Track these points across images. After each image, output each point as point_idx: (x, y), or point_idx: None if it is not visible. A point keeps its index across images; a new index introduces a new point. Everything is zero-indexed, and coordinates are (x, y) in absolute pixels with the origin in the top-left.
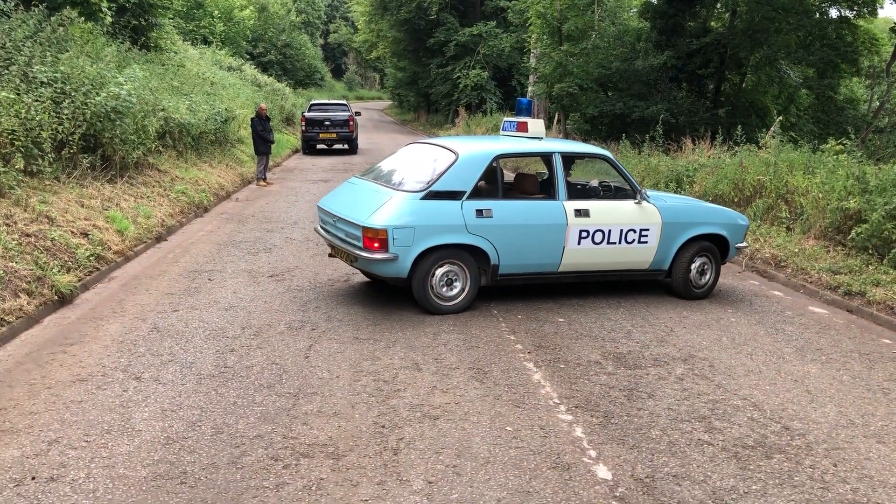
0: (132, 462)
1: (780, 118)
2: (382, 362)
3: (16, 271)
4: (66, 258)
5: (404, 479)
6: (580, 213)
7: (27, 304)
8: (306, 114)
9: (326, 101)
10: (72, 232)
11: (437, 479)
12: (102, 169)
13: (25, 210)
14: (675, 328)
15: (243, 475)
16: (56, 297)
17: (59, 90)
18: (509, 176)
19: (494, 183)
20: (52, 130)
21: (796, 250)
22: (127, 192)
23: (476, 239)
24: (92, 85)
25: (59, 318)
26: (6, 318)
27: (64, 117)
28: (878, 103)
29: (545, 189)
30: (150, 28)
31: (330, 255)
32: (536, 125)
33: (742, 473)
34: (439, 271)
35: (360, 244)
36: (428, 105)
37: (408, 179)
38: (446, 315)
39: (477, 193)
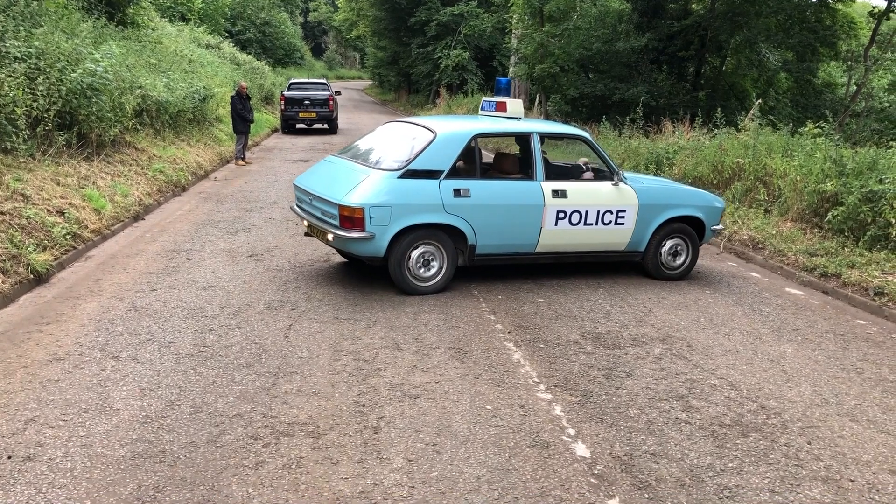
0: (110, 441)
1: (759, 101)
2: (363, 342)
3: None
4: (42, 236)
5: (384, 457)
6: (558, 193)
7: (2, 282)
8: (286, 93)
9: (306, 80)
10: (47, 210)
11: (416, 457)
12: (79, 147)
13: None
14: (654, 309)
15: (223, 454)
16: (32, 276)
17: (33, 66)
18: (489, 156)
19: (472, 162)
20: (26, 107)
21: (774, 232)
22: (104, 171)
23: (453, 219)
24: (67, 61)
25: (35, 297)
26: None
27: (39, 94)
28: (855, 87)
29: (524, 169)
30: (126, 4)
31: (306, 234)
32: (515, 105)
33: (719, 451)
34: (416, 251)
35: (337, 223)
36: (409, 85)
37: (385, 158)
38: (425, 296)
39: (455, 173)
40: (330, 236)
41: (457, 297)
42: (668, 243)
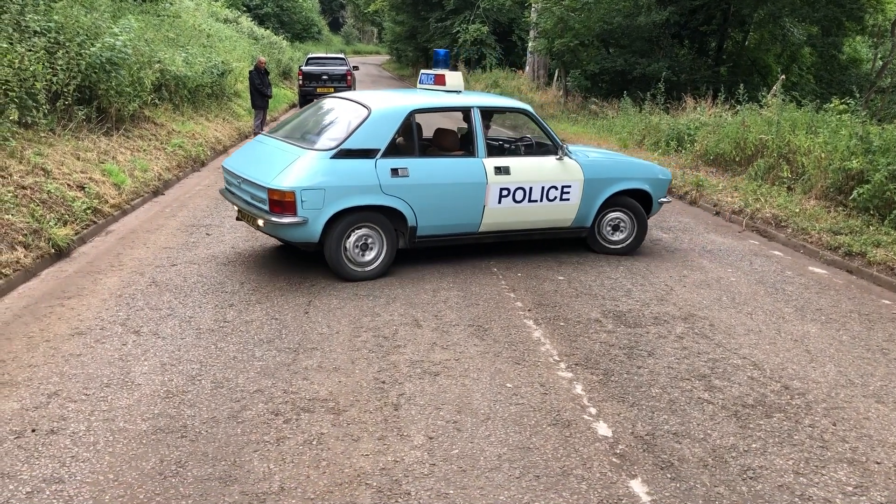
0: (132, 415)
1: (783, 77)
2: (382, 318)
3: (12, 224)
4: (63, 211)
5: (405, 434)
6: (500, 170)
7: (24, 257)
8: (303, 67)
9: (324, 55)
10: (68, 185)
11: (437, 434)
12: (98, 121)
13: (21, 162)
14: (675, 287)
15: (244, 429)
16: (53, 251)
17: (52, 40)
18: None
19: (411, 140)
20: (46, 81)
21: (797, 210)
22: (123, 145)
23: (392, 200)
24: (87, 35)
25: (57, 271)
26: (3, 270)
27: (58, 68)
28: (881, 63)
29: (465, 145)
30: None
31: (237, 219)
32: (454, 78)
33: (742, 432)
34: (353, 235)
35: (267, 207)
36: (426, 60)
37: (318, 137)
38: (444, 272)
39: (392, 151)
40: (260, 222)
41: (476, 275)
42: (609, 216)
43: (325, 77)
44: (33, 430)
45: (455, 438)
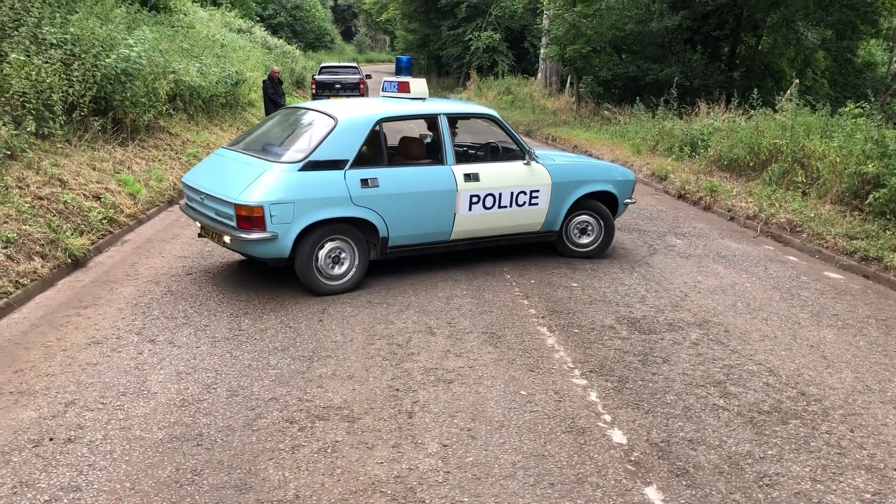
0: (148, 424)
1: (797, 81)
2: (396, 326)
3: (29, 234)
4: (79, 221)
5: (419, 441)
6: (470, 177)
7: (41, 266)
8: (317, 76)
9: (337, 64)
10: (84, 195)
11: (451, 442)
12: (113, 132)
13: (38, 173)
14: (690, 293)
15: (259, 437)
16: (70, 260)
17: (69, 52)
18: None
19: (378, 149)
20: (62, 93)
21: (812, 215)
22: (138, 155)
23: (362, 211)
24: (102, 47)
25: (73, 280)
26: (21, 280)
27: (74, 79)
28: None
29: (433, 153)
30: None
31: (200, 236)
32: (419, 85)
33: (758, 439)
34: (324, 248)
35: (234, 223)
36: (439, 68)
37: (283, 149)
38: (458, 280)
39: (360, 161)
40: (227, 238)
41: (489, 282)
42: (575, 220)
43: (338, 86)
44: (51, 439)
45: (469, 446)
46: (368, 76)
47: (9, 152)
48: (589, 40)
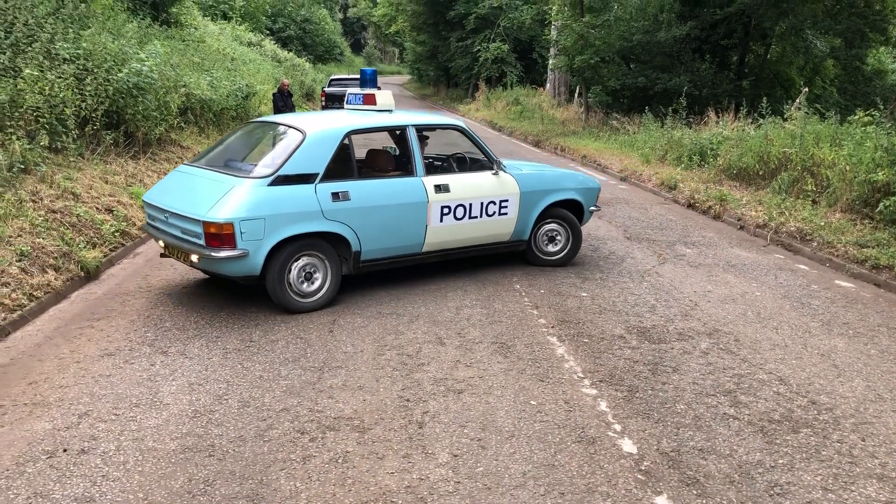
0: (161, 435)
1: (806, 90)
2: (406, 336)
3: (43, 247)
4: (92, 234)
5: (429, 452)
6: (440, 188)
7: (55, 279)
8: (326, 89)
9: (347, 77)
10: (97, 208)
11: (462, 452)
12: (125, 145)
13: (51, 187)
14: (700, 302)
15: (270, 448)
16: (83, 273)
17: (81, 67)
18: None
19: (348, 162)
20: (75, 107)
21: (822, 224)
22: (150, 169)
23: (335, 225)
24: (114, 61)
25: (86, 293)
26: (35, 293)
27: (87, 94)
28: None
29: (401, 165)
30: (170, 3)
31: (162, 255)
32: (385, 97)
33: (768, 448)
34: (296, 264)
35: (202, 242)
36: (447, 79)
37: (251, 164)
38: (467, 290)
39: (330, 175)
40: (194, 257)
41: (499, 292)
42: (544, 228)
43: None
44: (65, 450)
45: (479, 456)
46: (379, 87)
47: (23, 166)
48: (597, 51)
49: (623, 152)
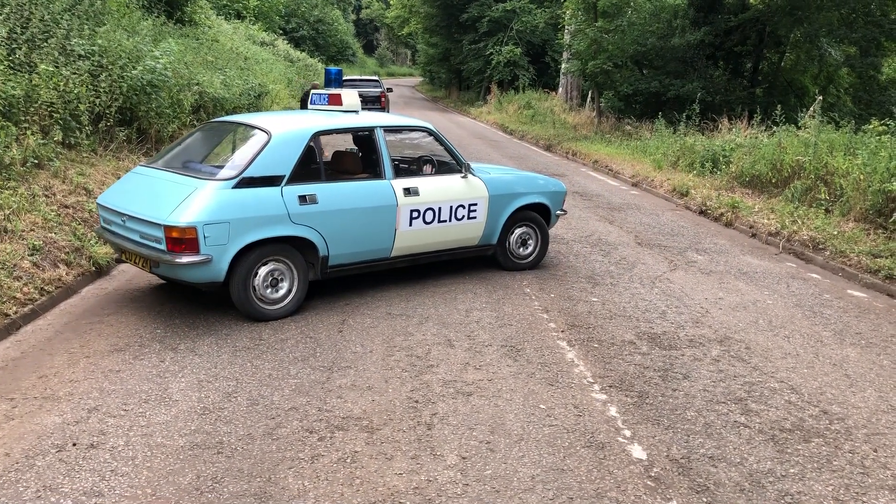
0: (170, 431)
1: (820, 98)
2: (415, 338)
3: (55, 242)
4: None
5: (438, 453)
6: (409, 191)
7: (66, 274)
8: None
9: (358, 77)
10: None
11: (470, 454)
12: (138, 142)
13: (64, 182)
14: (711, 310)
15: (279, 446)
16: (94, 269)
17: (96, 63)
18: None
19: (315, 164)
20: (89, 103)
21: (835, 233)
22: None
23: (302, 229)
24: (128, 58)
25: (97, 288)
26: (46, 287)
27: (101, 90)
28: None
29: (369, 167)
30: (184, 2)
31: (118, 261)
32: (351, 97)
33: (779, 456)
34: (262, 270)
35: (163, 246)
36: (459, 82)
37: (212, 166)
38: (477, 293)
39: (297, 177)
40: (154, 263)
41: (509, 295)
42: (517, 231)
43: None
44: (74, 444)
45: (488, 459)
46: (390, 90)
47: (36, 161)
48: (610, 56)
49: (635, 158)
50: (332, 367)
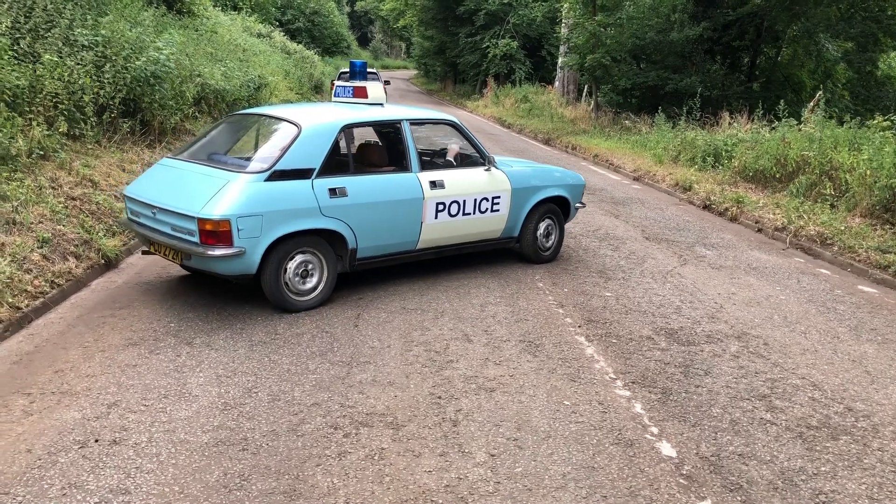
0: (192, 427)
1: (821, 93)
2: (432, 333)
3: (64, 234)
4: (111, 222)
5: (466, 451)
6: (435, 184)
7: (76, 266)
8: (337, 82)
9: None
10: (115, 196)
11: (499, 451)
12: (142, 133)
13: (70, 173)
14: (725, 305)
15: (304, 443)
16: (102, 261)
17: (100, 54)
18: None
19: (343, 157)
20: (93, 94)
21: (842, 228)
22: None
23: (332, 222)
24: (132, 49)
25: (107, 281)
26: (57, 280)
27: (105, 81)
28: None
29: (395, 160)
30: None
31: (145, 252)
32: (376, 90)
33: (809, 454)
34: (293, 262)
35: (196, 239)
36: (455, 75)
37: (241, 158)
38: (491, 287)
39: (327, 170)
40: (187, 255)
41: (523, 290)
42: (542, 225)
43: None
44: (96, 441)
45: (517, 456)
46: (387, 82)
47: (42, 152)
48: (609, 50)
49: (635, 152)
50: (350, 363)
